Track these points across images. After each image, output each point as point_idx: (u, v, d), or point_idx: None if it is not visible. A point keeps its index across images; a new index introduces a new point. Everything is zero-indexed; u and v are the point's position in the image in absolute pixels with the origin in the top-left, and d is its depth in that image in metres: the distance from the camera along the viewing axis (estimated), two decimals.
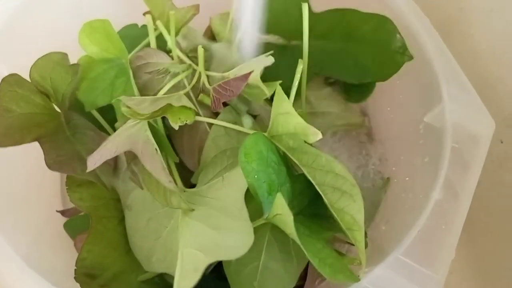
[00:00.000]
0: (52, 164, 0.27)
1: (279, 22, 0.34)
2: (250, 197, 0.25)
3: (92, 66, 0.31)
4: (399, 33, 0.33)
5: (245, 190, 0.24)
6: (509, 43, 0.37)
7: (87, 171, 0.24)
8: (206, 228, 0.24)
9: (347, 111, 0.38)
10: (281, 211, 0.22)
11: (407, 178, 0.35)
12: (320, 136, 0.25)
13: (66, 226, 0.34)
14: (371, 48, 0.34)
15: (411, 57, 0.33)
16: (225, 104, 0.30)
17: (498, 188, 0.38)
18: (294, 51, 0.34)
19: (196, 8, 0.37)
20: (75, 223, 0.34)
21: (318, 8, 0.34)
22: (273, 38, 0.36)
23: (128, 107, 0.24)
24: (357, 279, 0.24)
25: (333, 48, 0.35)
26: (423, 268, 0.26)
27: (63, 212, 0.33)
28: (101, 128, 0.32)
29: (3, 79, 0.27)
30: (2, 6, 0.32)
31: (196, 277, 0.21)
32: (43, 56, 0.29)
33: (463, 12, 0.40)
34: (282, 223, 0.23)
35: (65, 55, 0.29)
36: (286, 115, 0.25)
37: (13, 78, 0.28)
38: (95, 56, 0.31)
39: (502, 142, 0.37)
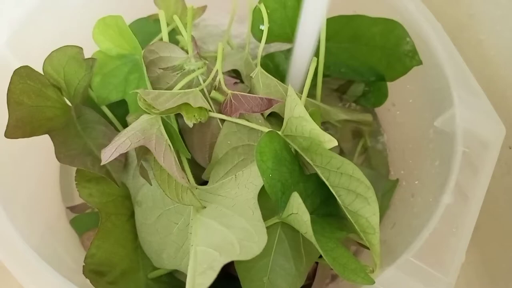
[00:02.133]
0: (62, 157, 0.27)
1: (282, 29, 0.34)
2: (261, 196, 0.25)
3: (106, 61, 0.31)
4: (409, 37, 0.33)
5: (258, 190, 0.24)
6: None
7: (101, 164, 0.24)
8: (219, 226, 0.23)
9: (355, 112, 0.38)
10: (297, 210, 0.22)
11: (416, 182, 0.35)
12: (335, 143, 0.24)
13: (73, 222, 0.34)
14: (379, 50, 0.34)
15: (420, 62, 0.33)
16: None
17: (506, 193, 0.38)
18: None
19: (204, 9, 0.38)
20: (81, 220, 0.34)
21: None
22: (278, 46, 0.36)
23: (145, 101, 0.24)
24: (372, 281, 0.24)
25: (339, 49, 0.35)
26: (434, 270, 0.26)
27: (72, 208, 0.33)
28: (111, 123, 0.32)
29: (14, 71, 0.27)
30: (17, 4, 0.32)
31: (212, 275, 0.20)
32: (58, 49, 0.29)
33: (473, 18, 0.40)
34: (297, 222, 0.23)
35: (80, 49, 0.29)
36: (299, 119, 0.25)
37: (24, 71, 0.28)
38: (108, 52, 0.31)
39: (510, 148, 0.38)
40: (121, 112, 0.32)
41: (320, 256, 0.25)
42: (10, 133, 0.26)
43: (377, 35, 0.34)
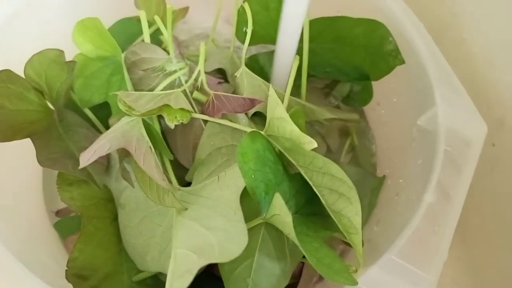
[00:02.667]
0: (43, 160, 0.27)
1: (266, 31, 0.34)
2: (245, 196, 0.25)
3: (87, 64, 0.31)
4: (392, 37, 0.33)
5: (241, 191, 0.24)
6: (501, 47, 0.37)
7: (80, 167, 0.24)
8: (200, 228, 0.23)
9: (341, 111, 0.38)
10: (280, 211, 0.22)
11: (400, 180, 0.35)
12: (315, 145, 0.25)
13: (56, 226, 0.33)
14: (362, 50, 0.34)
15: (403, 61, 0.33)
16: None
17: (489, 190, 0.39)
18: None
19: (186, 10, 0.38)
20: (65, 224, 0.33)
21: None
22: (261, 47, 0.36)
23: (125, 103, 0.24)
24: (355, 281, 0.24)
25: (323, 49, 0.35)
26: (417, 269, 0.26)
27: (57, 213, 0.33)
28: (94, 126, 0.32)
29: None
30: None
31: (189, 278, 0.20)
32: (39, 52, 0.28)
33: (456, 17, 0.41)
34: (280, 223, 0.23)
35: (61, 52, 0.29)
36: (280, 120, 0.25)
37: (5, 74, 0.27)
38: (89, 54, 0.31)
39: (494, 145, 0.38)
40: (104, 115, 0.32)
41: (305, 256, 0.26)
42: None
43: (360, 35, 0.34)
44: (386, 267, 0.26)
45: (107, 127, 0.31)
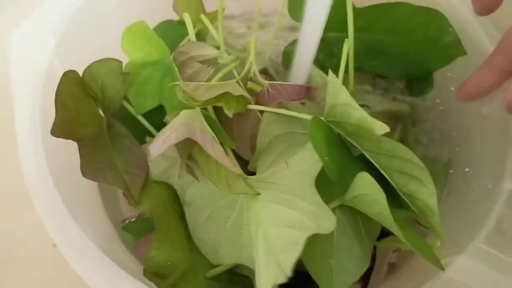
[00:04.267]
0: (86, 172, 0.27)
1: None
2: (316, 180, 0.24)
3: (139, 70, 0.31)
4: (452, 27, 0.32)
5: (314, 176, 0.24)
6: None
7: (152, 156, 0.24)
8: (285, 209, 0.23)
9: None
10: (368, 191, 0.22)
11: (467, 169, 0.33)
12: (387, 129, 0.24)
13: (125, 229, 0.33)
14: (421, 41, 0.33)
15: (464, 52, 0.32)
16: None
17: None
18: (331, 42, 0.33)
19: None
20: (132, 227, 0.33)
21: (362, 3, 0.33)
22: None
23: (185, 92, 0.24)
24: (441, 266, 0.23)
25: (375, 41, 0.34)
26: (505, 256, 0.25)
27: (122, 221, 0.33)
28: (145, 133, 0.31)
29: (64, 74, 0.27)
30: (63, 13, 0.32)
31: (297, 250, 0.20)
32: (99, 60, 0.29)
33: None
34: (367, 203, 0.22)
35: (119, 63, 0.29)
36: (345, 106, 0.25)
37: (72, 75, 0.28)
38: (140, 61, 0.31)
39: None
40: (156, 120, 0.31)
41: (378, 239, 0.25)
42: (55, 132, 0.26)
43: (417, 26, 0.32)
44: (475, 256, 0.25)
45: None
